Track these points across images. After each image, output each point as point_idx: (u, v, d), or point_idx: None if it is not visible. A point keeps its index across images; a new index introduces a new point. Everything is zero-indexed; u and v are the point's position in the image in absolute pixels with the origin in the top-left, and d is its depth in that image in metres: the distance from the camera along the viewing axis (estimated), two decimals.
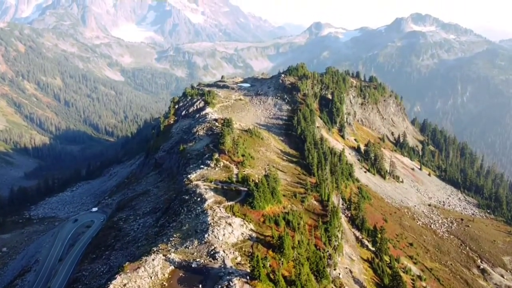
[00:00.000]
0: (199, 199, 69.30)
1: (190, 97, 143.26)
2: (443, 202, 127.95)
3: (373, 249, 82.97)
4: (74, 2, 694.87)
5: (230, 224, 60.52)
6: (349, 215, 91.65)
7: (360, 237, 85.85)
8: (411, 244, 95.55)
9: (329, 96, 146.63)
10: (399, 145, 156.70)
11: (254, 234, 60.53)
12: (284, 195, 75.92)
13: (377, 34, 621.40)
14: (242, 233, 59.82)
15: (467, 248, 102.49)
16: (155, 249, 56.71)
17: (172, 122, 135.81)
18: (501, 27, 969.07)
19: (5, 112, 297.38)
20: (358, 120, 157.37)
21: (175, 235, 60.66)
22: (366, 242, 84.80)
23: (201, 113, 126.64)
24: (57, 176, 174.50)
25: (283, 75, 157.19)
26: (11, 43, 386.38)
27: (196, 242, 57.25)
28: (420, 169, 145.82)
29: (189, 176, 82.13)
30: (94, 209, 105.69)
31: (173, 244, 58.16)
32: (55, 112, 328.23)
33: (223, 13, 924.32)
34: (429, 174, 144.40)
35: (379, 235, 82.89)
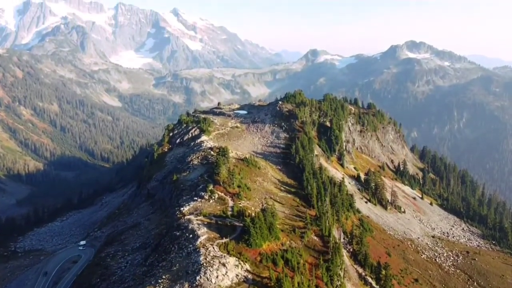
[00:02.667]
0: (191, 235, 64.91)
1: (185, 125, 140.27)
2: (447, 233, 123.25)
3: (377, 287, 77.98)
4: (74, 29, 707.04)
5: (224, 265, 56.08)
6: (351, 249, 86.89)
7: (363, 274, 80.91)
8: (416, 280, 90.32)
9: (328, 124, 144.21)
10: (399, 173, 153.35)
11: (250, 276, 56.02)
12: (282, 230, 71.67)
13: (372, 61, 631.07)
14: (237, 275, 55.34)
15: (475, 283, 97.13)
16: None
17: (166, 150, 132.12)
18: (493, 55, 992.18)
19: (0, 137, 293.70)
20: (357, 148, 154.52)
21: (164, 276, 56.08)
22: (370, 279, 79.85)
23: (196, 141, 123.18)
24: (48, 204, 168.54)
25: (280, 102, 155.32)
26: (9, 68, 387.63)
27: (186, 285, 52.75)
28: (422, 198, 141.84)
29: (181, 208, 77.91)
30: (82, 242, 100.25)
31: (161, 287, 53.60)
32: (51, 138, 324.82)
33: (221, 40, 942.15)
34: (431, 203, 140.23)
35: (384, 272, 78.06)
